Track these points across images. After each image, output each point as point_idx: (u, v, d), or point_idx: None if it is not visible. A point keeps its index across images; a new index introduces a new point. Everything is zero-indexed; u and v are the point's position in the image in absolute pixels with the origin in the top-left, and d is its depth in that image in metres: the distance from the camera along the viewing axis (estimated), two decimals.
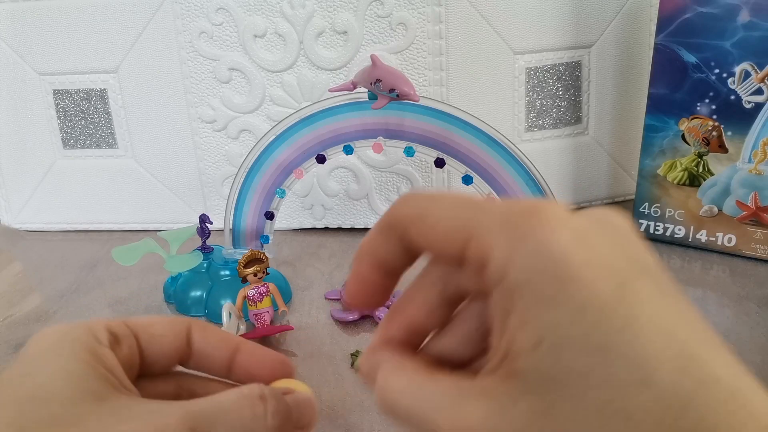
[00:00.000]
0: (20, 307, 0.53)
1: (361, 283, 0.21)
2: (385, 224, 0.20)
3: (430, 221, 0.18)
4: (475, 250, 0.17)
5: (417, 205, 0.19)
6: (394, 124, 0.49)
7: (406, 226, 0.19)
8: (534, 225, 0.16)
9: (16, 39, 0.63)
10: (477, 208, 0.18)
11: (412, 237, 0.19)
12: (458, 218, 0.18)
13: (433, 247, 0.19)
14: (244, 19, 0.59)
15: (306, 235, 0.65)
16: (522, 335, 0.16)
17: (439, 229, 0.18)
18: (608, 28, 0.62)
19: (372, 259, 0.21)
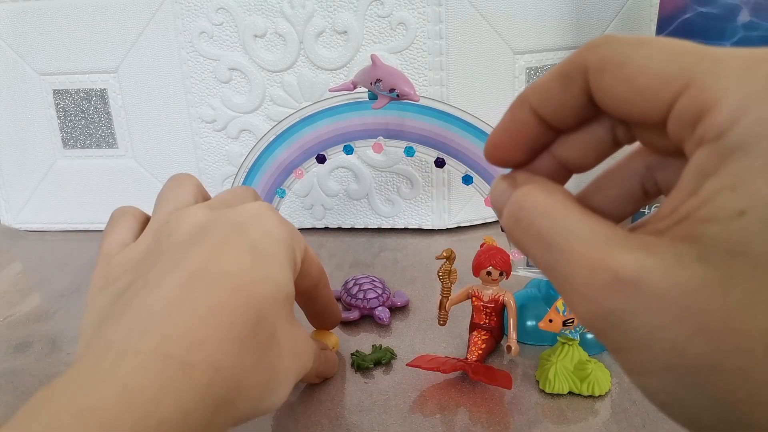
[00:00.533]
0: (20, 307, 0.53)
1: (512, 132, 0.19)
2: (568, 69, 0.17)
3: (632, 67, 0.16)
4: (694, 100, 0.14)
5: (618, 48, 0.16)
6: (394, 124, 0.49)
7: (599, 73, 0.16)
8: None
9: (16, 39, 0.63)
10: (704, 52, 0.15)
11: (605, 87, 0.16)
12: (677, 62, 0.15)
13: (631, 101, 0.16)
14: (244, 19, 0.59)
15: (306, 235, 0.65)
16: (724, 200, 0.14)
17: (646, 77, 0.15)
18: (608, 28, 0.62)
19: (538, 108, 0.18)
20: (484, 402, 0.38)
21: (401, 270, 0.56)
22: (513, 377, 0.39)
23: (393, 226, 0.65)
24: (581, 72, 0.17)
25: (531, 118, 0.19)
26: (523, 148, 0.19)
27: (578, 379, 0.38)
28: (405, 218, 0.64)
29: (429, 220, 0.63)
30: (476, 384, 0.39)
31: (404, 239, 0.63)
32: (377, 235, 0.64)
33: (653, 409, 0.37)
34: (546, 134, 0.19)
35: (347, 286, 0.50)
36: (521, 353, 0.42)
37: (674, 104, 0.15)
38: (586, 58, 0.17)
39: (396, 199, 0.63)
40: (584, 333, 0.39)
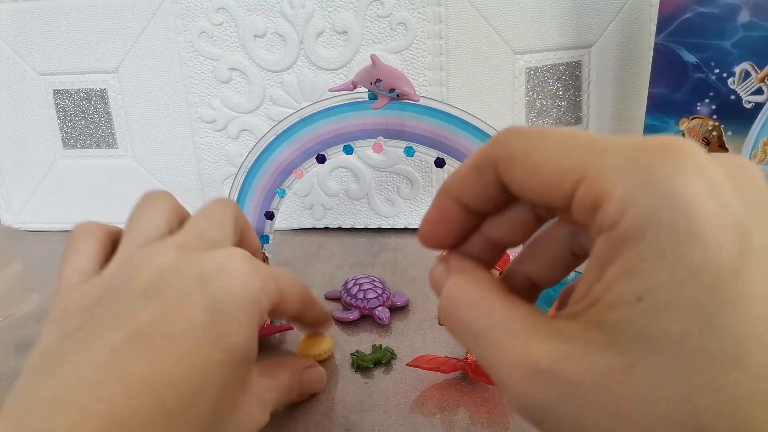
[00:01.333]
0: (20, 307, 0.53)
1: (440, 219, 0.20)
2: (481, 162, 0.18)
3: (535, 160, 0.17)
4: (589, 191, 0.15)
5: (520, 142, 0.17)
6: (394, 124, 0.49)
7: (507, 165, 0.17)
8: (666, 168, 0.14)
9: (16, 39, 0.63)
10: (593, 144, 0.16)
11: (513, 178, 0.17)
12: (570, 156, 0.16)
13: (536, 190, 0.17)
14: (244, 19, 0.59)
15: (306, 235, 0.65)
16: (623, 287, 0.15)
17: (546, 169, 0.16)
18: (608, 28, 0.62)
19: (459, 197, 0.19)
20: (484, 402, 0.38)
21: (401, 270, 0.56)
22: None
23: (393, 226, 0.64)
24: (492, 165, 0.18)
25: (455, 206, 0.20)
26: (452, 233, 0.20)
27: None
28: (405, 218, 0.64)
29: None
30: (476, 384, 0.39)
31: (404, 239, 0.63)
32: (377, 235, 0.64)
33: None
34: (472, 219, 0.20)
35: (347, 286, 0.50)
36: None
37: (574, 194, 0.16)
38: (495, 151, 0.18)
39: (396, 199, 0.63)
40: None
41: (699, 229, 0.14)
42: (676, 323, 0.14)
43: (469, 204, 0.19)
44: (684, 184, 0.14)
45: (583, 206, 0.16)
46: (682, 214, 0.14)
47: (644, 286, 0.14)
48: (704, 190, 0.14)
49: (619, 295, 0.15)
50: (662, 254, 0.14)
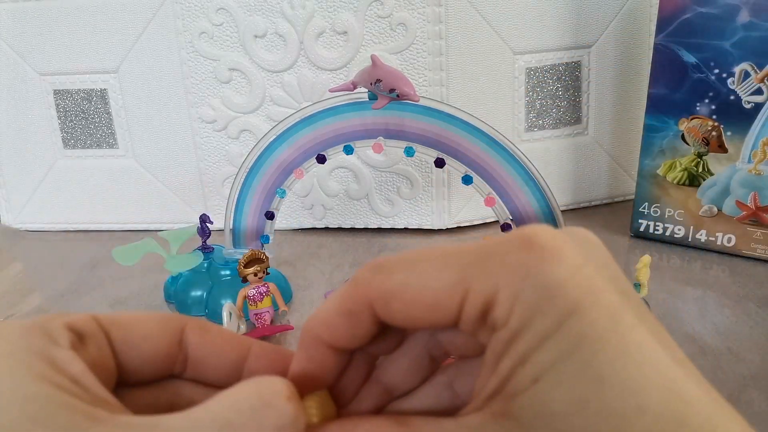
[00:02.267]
0: (20, 307, 0.54)
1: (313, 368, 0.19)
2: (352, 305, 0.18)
3: (415, 290, 0.17)
4: (475, 303, 0.16)
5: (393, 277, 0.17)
6: (394, 124, 0.49)
7: (384, 303, 0.17)
8: (533, 261, 0.16)
9: (16, 39, 0.63)
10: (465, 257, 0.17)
11: (394, 313, 0.17)
12: (449, 276, 0.17)
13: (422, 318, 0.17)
14: (245, 19, 0.59)
15: (306, 235, 0.65)
16: (520, 373, 0.16)
17: (428, 296, 0.17)
18: (608, 28, 0.62)
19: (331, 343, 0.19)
20: None
21: None
22: None
23: (393, 226, 0.65)
24: (366, 306, 0.18)
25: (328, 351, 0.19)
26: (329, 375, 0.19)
27: None
28: (405, 218, 0.64)
29: (429, 220, 0.64)
30: None
31: (404, 239, 0.63)
32: (377, 235, 0.64)
33: None
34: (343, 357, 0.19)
35: None
36: None
37: (461, 309, 0.17)
38: (366, 293, 0.18)
39: (396, 199, 0.63)
40: None
41: (574, 304, 0.15)
42: (576, 391, 0.15)
43: (341, 346, 0.19)
44: (553, 271, 0.16)
45: (473, 317, 0.17)
46: (558, 297, 0.16)
47: (537, 368, 0.15)
48: (568, 270, 0.16)
49: (517, 382, 0.16)
50: (549, 336, 0.15)
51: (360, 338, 0.18)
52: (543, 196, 0.47)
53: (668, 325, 0.45)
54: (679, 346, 0.18)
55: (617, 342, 0.15)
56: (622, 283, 0.17)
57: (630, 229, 0.61)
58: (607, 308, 0.16)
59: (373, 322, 0.18)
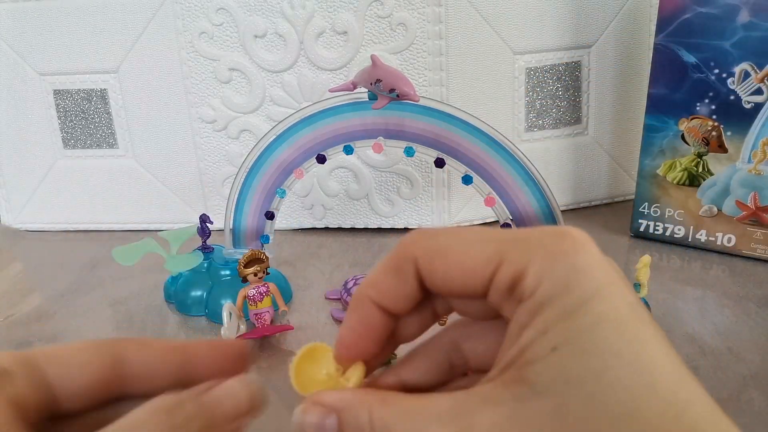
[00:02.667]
0: (20, 307, 0.54)
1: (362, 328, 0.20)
2: (398, 261, 0.20)
3: (456, 254, 0.19)
4: (508, 272, 0.18)
5: (437, 240, 0.19)
6: (394, 124, 0.49)
7: (428, 261, 0.19)
8: (566, 246, 0.18)
9: (16, 39, 0.63)
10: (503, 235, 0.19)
11: (435, 272, 0.19)
12: (488, 247, 0.18)
13: (458, 280, 0.19)
14: (245, 19, 0.59)
15: (306, 235, 0.65)
16: (539, 342, 0.17)
17: (467, 260, 0.19)
18: (608, 28, 0.62)
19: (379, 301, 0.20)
20: None
21: None
22: None
23: (393, 226, 0.65)
24: (411, 263, 0.19)
25: (376, 311, 0.20)
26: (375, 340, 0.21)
27: None
28: (405, 218, 0.64)
29: (429, 220, 0.63)
30: None
31: None
32: (377, 235, 0.64)
33: None
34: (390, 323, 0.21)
35: (347, 286, 0.50)
36: None
37: (493, 278, 0.18)
38: (413, 250, 0.19)
39: (396, 199, 0.63)
40: None
41: (599, 288, 0.17)
42: (593, 361, 0.16)
43: (388, 306, 0.20)
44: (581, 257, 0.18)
45: (502, 286, 0.18)
46: (585, 279, 0.17)
47: (558, 338, 0.17)
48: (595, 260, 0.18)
49: (535, 351, 0.17)
50: (572, 311, 0.17)
51: (405, 299, 0.20)
52: (543, 196, 0.47)
53: (668, 325, 0.45)
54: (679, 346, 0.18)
55: (635, 327, 0.17)
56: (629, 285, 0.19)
57: (630, 229, 0.60)
58: (626, 298, 0.17)
59: (415, 282, 0.20)
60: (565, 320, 0.17)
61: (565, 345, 0.16)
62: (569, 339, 0.16)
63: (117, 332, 0.49)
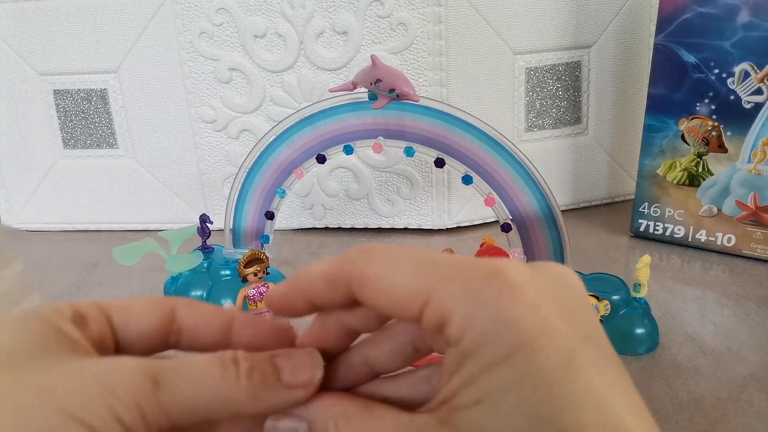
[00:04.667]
0: (20, 307, 0.54)
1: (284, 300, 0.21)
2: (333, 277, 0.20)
3: (385, 283, 0.18)
4: (433, 314, 0.18)
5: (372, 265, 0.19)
6: (394, 124, 0.49)
7: (359, 285, 0.19)
8: (494, 292, 0.17)
9: (16, 39, 0.63)
10: (436, 270, 0.18)
11: (366, 297, 0.19)
12: (417, 282, 0.18)
13: (386, 309, 0.19)
14: (245, 19, 0.59)
15: (306, 235, 0.65)
16: (465, 392, 0.17)
17: (395, 292, 0.18)
18: (608, 28, 0.62)
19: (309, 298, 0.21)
20: None
21: None
22: None
23: (393, 226, 0.65)
24: (345, 282, 0.19)
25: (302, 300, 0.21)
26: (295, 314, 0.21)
27: None
28: (405, 218, 0.64)
29: (429, 220, 0.64)
30: None
31: (404, 239, 0.63)
32: (377, 235, 0.64)
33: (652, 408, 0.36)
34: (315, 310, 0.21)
35: None
36: None
37: (422, 314, 0.18)
38: (347, 270, 0.19)
39: (396, 199, 0.63)
40: None
41: (526, 340, 0.16)
42: (510, 421, 0.16)
43: (318, 305, 0.21)
44: (509, 306, 0.17)
45: (430, 325, 0.18)
46: (509, 331, 0.16)
47: (481, 391, 0.16)
48: (527, 307, 0.17)
49: (461, 399, 0.17)
50: (495, 365, 0.16)
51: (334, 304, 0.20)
52: (543, 196, 0.47)
53: (668, 325, 0.45)
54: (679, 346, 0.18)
55: (563, 384, 0.16)
56: (588, 327, 0.18)
57: (630, 229, 0.61)
58: (558, 350, 0.16)
59: (347, 296, 0.20)
60: (488, 374, 0.16)
61: (486, 400, 0.16)
62: (491, 394, 0.16)
63: None
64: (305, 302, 0.21)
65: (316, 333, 0.22)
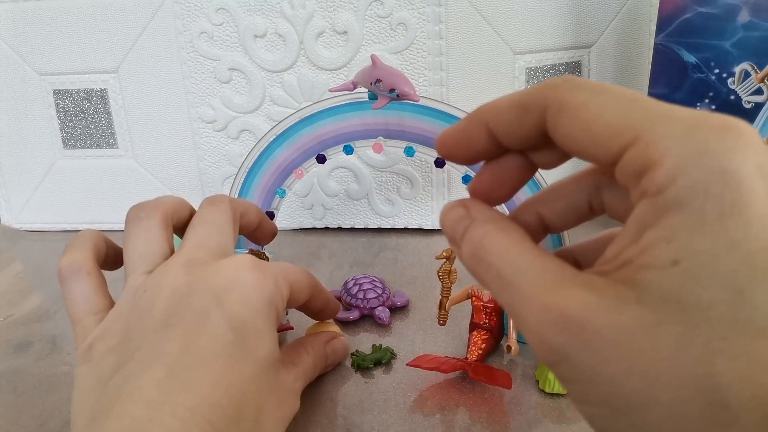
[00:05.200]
0: (20, 307, 0.54)
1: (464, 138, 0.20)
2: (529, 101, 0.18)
3: (589, 113, 0.16)
4: (640, 154, 0.15)
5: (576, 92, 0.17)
6: (394, 124, 0.49)
7: (557, 112, 0.17)
8: (723, 144, 0.15)
9: (16, 39, 0.63)
10: (652, 109, 0.16)
11: (561, 126, 0.17)
12: (627, 116, 0.16)
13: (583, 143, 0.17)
14: (245, 19, 0.59)
15: (306, 235, 0.65)
16: (660, 250, 0.15)
17: (598, 124, 0.16)
18: (608, 28, 0.62)
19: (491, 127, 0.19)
20: (484, 402, 0.38)
21: (401, 270, 0.56)
22: (513, 377, 0.39)
23: (393, 226, 0.65)
24: (539, 108, 0.18)
25: (483, 133, 0.20)
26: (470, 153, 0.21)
27: None
28: (405, 218, 0.64)
29: (429, 220, 0.64)
30: (476, 384, 0.39)
31: (404, 239, 0.63)
32: (377, 235, 0.64)
33: None
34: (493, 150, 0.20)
35: (347, 286, 0.50)
36: (521, 353, 0.42)
37: (622, 154, 0.16)
38: (546, 95, 0.17)
39: (396, 199, 0.63)
40: None
41: (746, 206, 0.14)
42: (708, 290, 0.14)
43: (498, 136, 0.19)
44: (737, 163, 0.14)
45: (630, 168, 0.16)
46: (731, 189, 0.14)
47: (682, 251, 0.15)
48: (756, 173, 0.14)
49: (655, 257, 0.15)
50: (704, 224, 0.14)
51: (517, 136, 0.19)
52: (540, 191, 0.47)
53: None
54: None
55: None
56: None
57: None
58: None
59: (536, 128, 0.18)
60: (695, 233, 0.14)
61: (687, 261, 0.14)
62: (694, 256, 0.14)
63: None
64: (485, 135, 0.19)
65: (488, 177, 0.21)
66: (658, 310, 0.15)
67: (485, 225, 0.19)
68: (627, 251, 0.16)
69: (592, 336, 0.15)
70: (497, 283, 0.18)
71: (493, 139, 0.20)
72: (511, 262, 0.18)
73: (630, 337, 0.15)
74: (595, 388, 0.16)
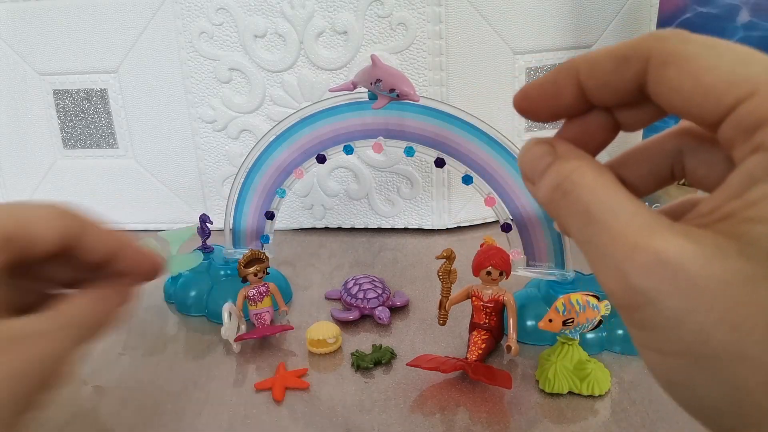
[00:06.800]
0: None
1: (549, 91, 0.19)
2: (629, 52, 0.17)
3: (700, 65, 0.16)
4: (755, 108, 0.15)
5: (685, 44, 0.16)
6: (394, 124, 0.49)
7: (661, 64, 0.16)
8: None
9: (16, 39, 0.63)
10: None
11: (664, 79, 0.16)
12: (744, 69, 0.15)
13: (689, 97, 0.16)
14: (245, 19, 0.59)
15: (306, 235, 0.65)
16: None
17: (709, 77, 0.15)
18: (608, 28, 0.62)
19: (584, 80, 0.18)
20: (484, 402, 0.38)
21: (401, 270, 0.56)
22: (513, 377, 0.39)
23: (393, 226, 0.65)
24: (642, 59, 0.17)
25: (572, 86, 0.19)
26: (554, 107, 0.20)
27: (578, 378, 0.38)
28: (405, 218, 0.64)
29: (429, 220, 0.63)
30: (476, 384, 0.39)
31: (404, 239, 0.63)
32: (377, 235, 0.64)
33: (653, 408, 0.37)
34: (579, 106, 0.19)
35: (347, 286, 0.50)
36: (521, 353, 0.42)
37: (735, 108, 0.15)
38: (651, 46, 0.17)
39: (396, 199, 0.63)
40: (584, 333, 0.39)
41: None
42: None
43: (590, 90, 0.18)
44: None
45: (742, 122, 0.15)
46: None
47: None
48: None
49: (763, 211, 0.15)
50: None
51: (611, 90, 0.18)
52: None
53: None
54: None
55: None
56: None
57: None
58: None
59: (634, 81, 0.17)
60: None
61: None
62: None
63: (117, 332, 0.49)
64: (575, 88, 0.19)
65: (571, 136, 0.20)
66: (763, 263, 0.14)
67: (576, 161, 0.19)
68: (729, 205, 0.16)
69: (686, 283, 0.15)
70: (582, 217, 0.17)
71: (581, 94, 0.19)
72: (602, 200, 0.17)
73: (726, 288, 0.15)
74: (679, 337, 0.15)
